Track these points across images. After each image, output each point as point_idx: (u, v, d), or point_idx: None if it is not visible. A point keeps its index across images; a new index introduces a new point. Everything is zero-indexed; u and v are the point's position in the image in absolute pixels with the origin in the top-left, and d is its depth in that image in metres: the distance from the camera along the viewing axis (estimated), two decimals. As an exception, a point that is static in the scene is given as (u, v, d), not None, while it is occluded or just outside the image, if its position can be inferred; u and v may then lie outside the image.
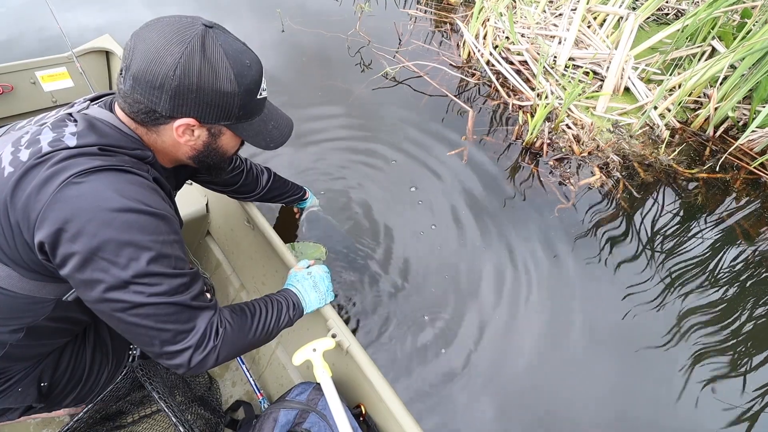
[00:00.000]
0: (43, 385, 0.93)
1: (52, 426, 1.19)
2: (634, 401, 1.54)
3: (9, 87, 1.69)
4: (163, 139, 0.78)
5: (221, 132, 0.80)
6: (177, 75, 0.67)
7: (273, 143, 0.86)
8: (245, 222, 1.33)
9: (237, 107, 0.76)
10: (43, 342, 0.88)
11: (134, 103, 0.72)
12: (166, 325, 0.70)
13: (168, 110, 0.71)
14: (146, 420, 1.17)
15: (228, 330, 0.79)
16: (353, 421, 0.93)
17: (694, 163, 2.59)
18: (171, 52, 0.67)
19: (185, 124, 0.74)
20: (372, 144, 2.39)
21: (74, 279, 0.67)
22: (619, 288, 1.88)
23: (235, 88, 0.73)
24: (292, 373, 1.29)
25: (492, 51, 3.12)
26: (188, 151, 0.81)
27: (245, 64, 0.74)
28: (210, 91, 0.71)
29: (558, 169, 2.42)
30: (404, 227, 1.99)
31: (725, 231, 2.22)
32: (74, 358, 0.98)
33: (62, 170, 0.65)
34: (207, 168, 0.89)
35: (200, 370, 0.76)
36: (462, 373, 1.55)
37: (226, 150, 0.85)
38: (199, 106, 0.72)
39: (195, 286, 0.75)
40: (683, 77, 2.77)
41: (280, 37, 3.27)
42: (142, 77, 0.68)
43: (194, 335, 0.73)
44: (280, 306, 0.93)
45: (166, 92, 0.69)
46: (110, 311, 0.68)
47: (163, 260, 0.68)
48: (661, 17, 3.83)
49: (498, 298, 1.78)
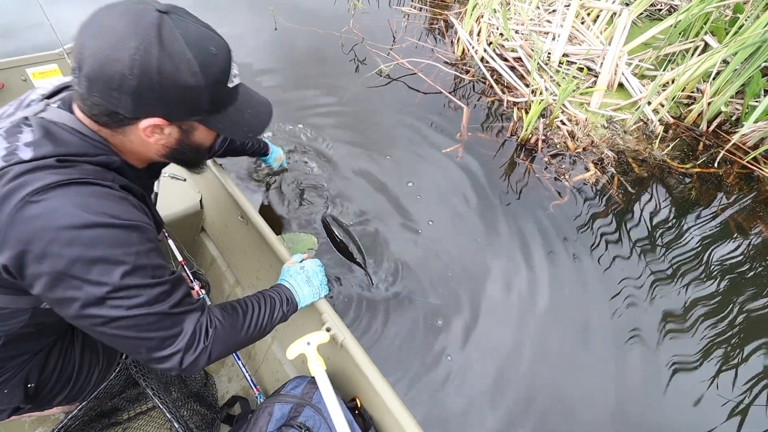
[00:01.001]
0: (30, 386, 0.91)
1: (47, 424, 1.18)
2: (629, 396, 1.56)
3: (0, 84, 1.67)
4: (130, 139, 0.72)
5: (193, 127, 0.74)
6: (135, 74, 0.61)
7: (252, 132, 0.81)
8: (239, 217, 1.33)
9: (206, 101, 0.70)
10: (24, 346, 0.87)
11: (93, 105, 0.66)
12: (150, 334, 0.67)
13: (131, 112, 0.65)
14: (142, 416, 1.17)
15: (219, 329, 0.77)
16: (348, 414, 0.93)
17: (688, 158, 2.61)
18: (125, 48, 0.60)
19: (152, 124, 0.68)
20: (366, 141, 2.39)
21: (47, 298, 0.64)
22: (614, 283, 1.89)
23: (201, 80, 0.66)
24: (287, 367, 1.30)
25: (486, 47, 3.12)
26: (160, 149, 0.76)
27: (210, 52, 0.67)
28: (174, 87, 0.64)
29: (553, 165, 2.43)
30: (400, 222, 2.00)
31: (719, 225, 2.24)
32: (62, 358, 0.96)
33: (18, 188, 0.60)
34: (184, 163, 0.85)
35: (193, 370, 0.74)
36: (456, 367, 1.56)
37: (201, 144, 0.79)
38: (164, 104, 0.66)
39: (177, 292, 0.71)
40: (676, 72, 2.78)
41: (273, 35, 3.26)
42: (97, 78, 0.62)
43: (182, 338, 0.71)
44: (273, 302, 0.92)
45: (126, 93, 0.63)
46: (90, 326, 0.65)
47: (139, 272, 0.65)
48: (654, 13, 3.84)
49: (492, 293, 1.79)
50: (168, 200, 1.49)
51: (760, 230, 2.22)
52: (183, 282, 0.75)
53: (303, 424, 0.93)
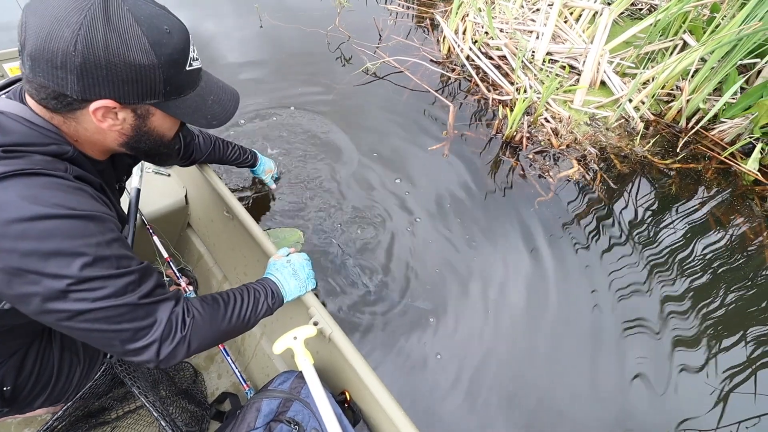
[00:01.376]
0: (6, 389, 0.88)
1: (33, 425, 1.17)
2: (614, 390, 1.58)
3: None
4: (84, 126, 0.68)
5: (150, 112, 0.70)
6: (79, 50, 0.58)
7: (215, 120, 0.77)
8: (224, 212, 1.32)
9: (160, 82, 0.66)
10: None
11: (39, 88, 0.62)
12: (122, 326, 0.65)
13: (79, 92, 0.61)
14: (130, 415, 1.16)
15: (197, 319, 0.75)
16: (337, 408, 0.94)
17: (668, 153, 2.67)
18: (68, 23, 0.57)
19: (102, 106, 0.64)
20: (353, 138, 2.40)
21: (5, 296, 0.61)
22: (598, 278, 1.92)
23: (153, 59, 0.63)
24: (277, 363, 1.30)
25: (471, 46, 3.15)
26: (117, 137, 0.72)
27: (163, 31, 0.64)
28: (122, 65, 0.61)
29: (537, 162, 2.46)
30: (387, 219, 2.01)
31: (699, 219, 2.29)
32: (40, 360, 0.93)
33: None
34: (145, 154, 0.80)
35: (172, 361, 0.72)
36: (443, 363, 1.58)
37: (161, 132, 0.75)
38: (113, 84, 0.62)
39: (147, 282, 0.69)
40: (656, 70, 2.84)
41: (258, 33, 3.24)
42: (39, 56, 0.58)
43: (157, 328, 0.68)
44: (257, 294, 0.91)
45: (71, 72, 0.59)
46: (55, 321, 0.62)
47: (100, 263, 0.62)
48: (635, 12, 3.92)
49: (478, 289, 1.81)
50: (152, 196, 1.47)
51: (737, 223, 2.28)
52: (153, 272, 0.73)
53: (292, 419, 0.94)
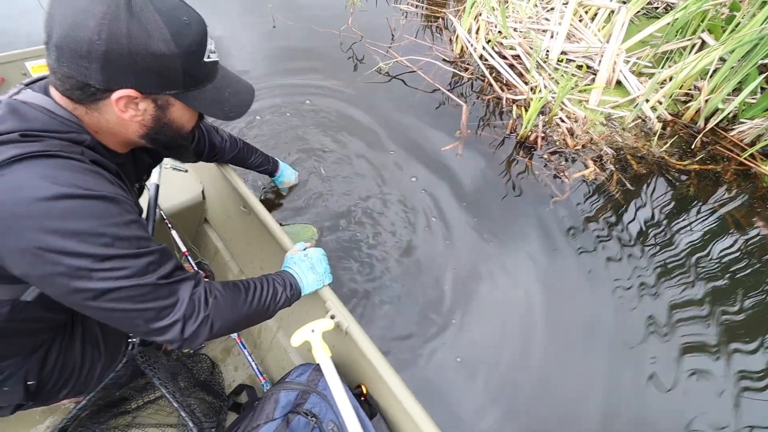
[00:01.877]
0: (30, 384, 0.90)
1: (57, 413, 1.20)
2: (627, 394, 1.56)
3: (0, 79, 1.67)
4: (106, 118, 0.70)
5: (169, 103, 0.72)
6: (103, 39, 0.60)
7: (232, 112, 0.79)
8: (241, 207, 1.34)
9: (180, 72, 0.68)
10: (15, 342, 0.85)
11: (64, 78, 0.64)
12: (146, 305, 0.66)
13: (102, 82, 0.64)
14: (150, 405, 1.18)
15: (219, 299, 0.77)
16: (354, 401, 0.95)
17: (686, 154, 2.63)
18: (93, 14, 0.59)
19: (125, 96, 0.66)
20: (366, 137, 2.41)
21: (29, 277, 0.63)
22: (614, 280, 1.90)
23: (174, 49, 0.65)
24: (293, 356, 1.31)
25: (485, 45, 3.14)
26: (137, 128, 0.73)
27: (183, 22, 0.66)
28: (144, 54, 0.63)
29: (552, 163, 2.44)
30: (401, 217, 2.01)
31: (717, 222, 2.25)
32: (63, 355, 0.95)
33: None
34: (164, 146, 0.81)
35: (196, 341, 0.73)
36: (457, 360, 1.58)
37: (180, 124, 0.77)
38: (135, 73, 0.64)
39: (167, 263, 0.71)
40: (674, 70, 2.81)
41: (271, 33, 3.28)
42: (65, 46, 0.61)
43: (180, 307, 0.70)
44: (276, 285, 0.92)
45: (95, 60, 0.61)
46: (81, 302, 0.64)
47: (121, 242, 0.64)
48: (651, 11, 3.87)
49: (495, 289, 1.80)
50: (170, 191, 1.50)
51: (758, 226, 2.24)
52: (172, 254, 0.74)
53: (309, 411, 0.95)
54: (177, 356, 1.25)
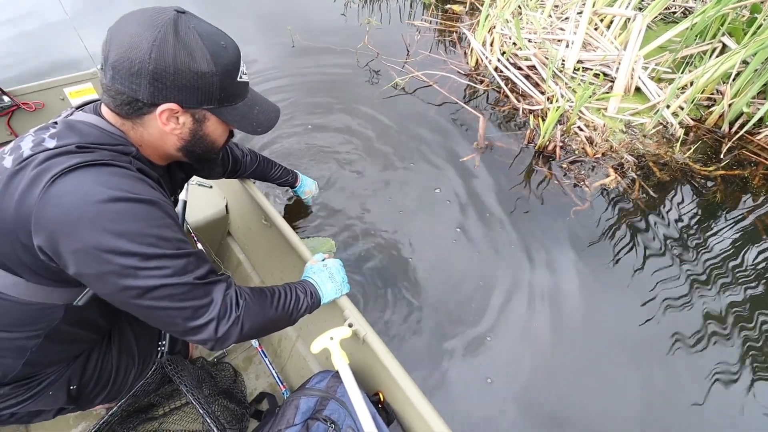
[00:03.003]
0: (73, 388, 0.96)
1: (89, 419, 1.25)
2: (658, 406, 1.53)
3: (41, 104, 1.79)
4: (149, 131, 0.78)
5: (206, 117, 0.79)
6: (153, 58, 0.68)
7: (260, 127, 0.86)
8: (263, 220, 1.39)
9: (217, 89, 0.75)
10: (63, 347, 0.91)
11: (116, 95, 0.72)
12: (184, 303, 0.71)
13: (149, 96, 0.71)
14: (176, 412, 1.22)
15: (249, 302, 0.81)
16: (371, 408, 0.96)
17: (711, 160, 2.57)
18: (145, 38, 0.68)
19: (168, 109, 0.73)
20: (386, 151, 2.45)
21: (83, 276, 0.68)
22: (641, 290, 1.87)
23: (213, 68, 0.73)
24: (312, 364, 1.33)
25: (500, 57, 3.17)
26: (176, 141, 0.81)
27: (221, 45, 0.74)
28: (187, 72, 0.71)
29: (572, 172, 2.43)
30: (420, 230, 2.03)
31: (747, 228, 2.19)
32: (101, 362, 1.02)
33: (44, 171, 0.66)
34: (198, 160, 0.88)
35: (227, 342, 0.78)
36: (478, 368, 1.57)
37: (213, 138, 0.85)
38: (178, 89, 0.72)
39: (203, 265, 0.76)
40: (695, 74, 2.77)
41: (290, 53, 3.39)
42: (119, 66, 0.69)
43: (214, 307, 0.75)
44: (298, 292, 0.96)
45: (145, 77, 0.69)
46: (128, 299, 0.69)
47: (164, 243, 0.69)
48: (668, 16, 3.84)
49: (514, 300, 1.79)
50: (196, 207, 1.57)
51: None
52: (207, 257, 0.79)
53: (328, 417, 0.96)
54: (202, 364, 1.29)
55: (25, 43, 3.45)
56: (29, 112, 1.76)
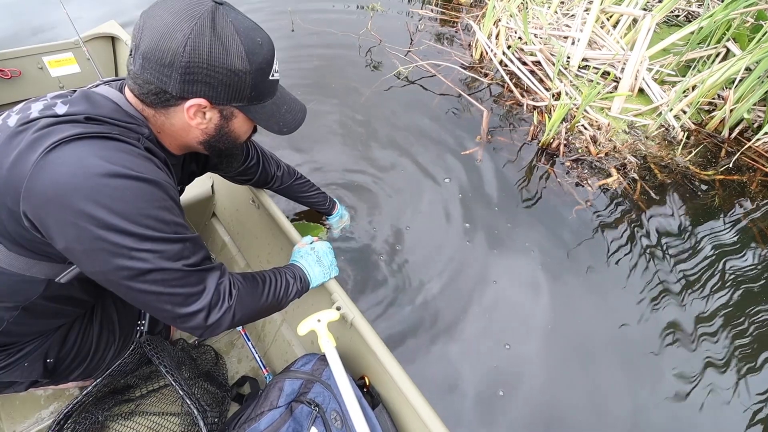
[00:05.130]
0: (49, 362, 0.93)
1: (62, 399, 1.20)
2: (646, 406, 1.51)
3: (17, 72, 1.70)
4: (172, 122, 0.75)
5: (233, 115, 0.76)
6: (187, 51, 0.65)
7: (286, 128, 0.84)
8: (250, 201, 1.34)
9: (249, 87, 0.73)
10: (42, 321, 0.88)
11: (144, 83, 0.69)
12: (175, 290, 0.68)
13: (178, 90, 0.68)
14: (154, 394, 1.17)
15: (241, 290, 0.79)
16: (357, 391, 0.92)
17: (710, 164, 2.56)
18: (180, 29, 0.64)
19: (196, 104, 0.70)
20: (384, 143, 2.40)
21: (71, 251, 0.64)
22: (638, 289, 1.85)
23: (247, 66, 0.70)
24: (296, 348, 1.30)
25: (505, 51, 3.12)
26: (199, 135, 0.78)
27: (257, 42, 0.71)
28: (221, 68, 0.68)
29: (575, 170, 2.39)
30: (416, 220, 1.99)
31: (742, 232, 2.19)
32: (81, 336, 0.98)
33: (44, 137, 0.62)
34: (219, 155, 0.85)
35: (217, 330, 0.75)
36: (467, 359, 1.54)
37: (238, 135, 0.82)
38: (210, 85, 0.69)
39: (198, 252, 0.73)
40: (699, 78, 2.74)
41: (290, 36, 3.31)
42: (151, 55, 0.66)
43: (206, 295, 0.72)
44: (288, 277, 0.94)
45: (176, 70, 0.66)
46: (117, 280, 0.65)
47: (162, 225, 0.66)
48: (672, 19, 3.81)
49: (508, 295, 1.75)
50: None
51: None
52: (203, 244, 0.77)
53: (312, 400, 0.93)
54: (182, 346, 1.24)
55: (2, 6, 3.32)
56: (5, 79, 1.67)
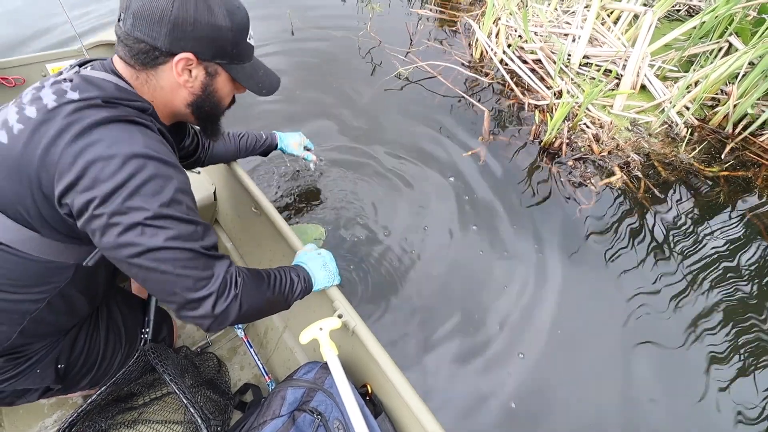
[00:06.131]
0: (60, 367, 0.95)
1: (65, 407, 1.20)
2: (654, 403, 1.50)
3: (21, 80, 1.71)
4: (161, 84, 0.79)
5: (217, 72, 0.82)
6: (175, 7, 0.71)
7: (265, 89, 0.90)
8: (252, 208, 1.34)
9: (230, 44, 0.79)
10: (59, 318, 0.90)
11: (134, 43, 0.74)
12: (185, 271, 0.70)
13: (167, 45, 0.74)
14: (157, 402, 1.17)
15: (246, 281, 0.80)
16: (359, 399, 0.92)
17: (715, 160, 2.54)
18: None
19: (184, 58, 0.76)
20: (385, 145, 2.39)
21: (91, 226, 0.68)
22: (644, 286, 1.84)
23: (228, 23, 0.77)
24: (299, 356, 1.29)
25: (505, 49, 3.11)
26: (187, 96, 0.83)
27: (235, 5, 0.79)
28: (205, 24, 0.74)
29: (578, 169, 2.38)
30: (418, 223, 1.99)
31: (748, 228, 2.17)
32: (89, 340, 1.00)
33: (74, 122, 0.67)
34: (205, 117, 0.90)
35: (225, 321, 0.76)
36: (468, 365, 1.53)
37: (221, 96, 0.87)
38: (196, 39, 0.75)
39: (209, 236, 0.76)
40: (702, 74, 2.71)
41: (290, 38, 3.31)
42: (142, 14, 0.71)
43: (215, 282, 0.73)
44: (293, 275, 0.95)
45: (165, 25, 0.72)
46: (128, 256, 0.68)
47: (175, 205, 0.70)
48: (673, 13, 3.78)
49: (512, 297, 1.75)
50: None
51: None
52: (213, 231, 0.79)
53: (315, 409, 0.92)
54: (185, 354, 1.24)
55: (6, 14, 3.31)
56: (9, 87, 1.68)
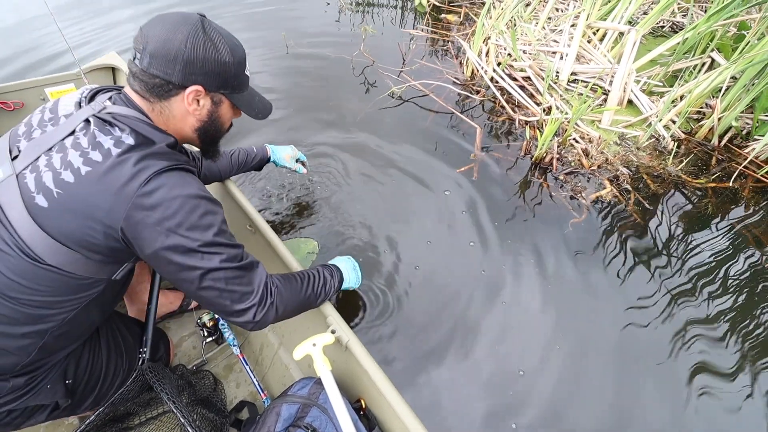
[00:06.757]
0: (68, 382, 1.00)
1: (60, 429, 1.20)
2: (640, 414, 1.51)
3: (20, 104, 1.75)
4: (173, 113, 0.91)
5: (221, 101, 0.95)
6: (188, 47, 0.83)
7: (260, 114, 1.03)
8: (247, 227, 1.36)
9: (232, 76, 0.92)
10: (73, 332, 0.96)
11: (150, 78, 0.85)
12: (234, 287, 0.87)
13: (180, 79, 0.85)
14: (153, 421, 1.18)
15: (280, 288, 0.96)
16: (353, 414, 0.93)
17: (702, 172, 2.59)
18: (181, 32, 0.83)
19: (194, 90, 0.88)
20: (379, 162, 2.43)
21: (157, 255, 0.81)
22: (635, 298, 1.86)
23: (231, 59, 0.89)
24: (294, 372, 1.30)
25: (495, 68, 3.19)
26: (195, 122, 0.95)
27: (235, 43, 0.92)
28: (213, 60, 0.86)
29: (569, 183, 2.42)
30: (412, 239, 2.01)
31: (737, 239, 2.20)
32: (92, 357, 1.07)
33: (143, 170, 0.80)
34: (210, 141, 1.03)
35: (265, 324, 0.92)
36: (461, 376, 1.54)
37: (224, 121, 1.00)
38: (204, 74, 0.87)
39: (248, 256, 0.92)
40: (687, 88, 2.79)
41: (285, 59, 3.37)
42: (158, 53, 0.83)
43: (256, 294, 0.90)
44: (325, 274, 1.13)
45: (179, 63, 0.83)
46: (190, 278, 0.83)
47: (222, 234, 0.86)
48: (657, 30, 3.89)
49: (507, 309, 1.76)
50: None
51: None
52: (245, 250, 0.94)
53: (309, 425, 0.94)
54: (182, 372, 1.25)
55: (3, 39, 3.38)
56: (8, 111, 1.72)
